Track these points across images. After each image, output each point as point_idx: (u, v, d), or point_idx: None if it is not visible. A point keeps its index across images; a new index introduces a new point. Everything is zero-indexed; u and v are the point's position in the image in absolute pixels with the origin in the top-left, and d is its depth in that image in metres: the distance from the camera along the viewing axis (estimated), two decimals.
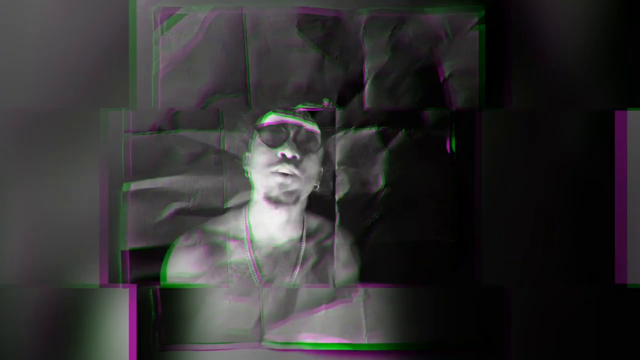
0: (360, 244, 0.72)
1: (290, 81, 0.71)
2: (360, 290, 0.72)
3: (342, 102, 0.71)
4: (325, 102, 0.71)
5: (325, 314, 0.72)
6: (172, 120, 0.71)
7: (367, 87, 0.71)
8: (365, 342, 0.72)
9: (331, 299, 0.73)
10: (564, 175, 0.72)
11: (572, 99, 0.65)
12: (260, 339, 0.72)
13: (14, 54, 0.56)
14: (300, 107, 0.71)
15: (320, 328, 0.72)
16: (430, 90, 0.71)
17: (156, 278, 0.72)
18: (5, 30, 0.56)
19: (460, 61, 0.71)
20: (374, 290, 0.72)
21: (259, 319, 0.72)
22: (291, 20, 0.71)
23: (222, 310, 0.72)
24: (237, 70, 0.71)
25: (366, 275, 0.73)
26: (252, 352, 0.73)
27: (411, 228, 0.72)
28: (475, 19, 0.71)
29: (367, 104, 0.71)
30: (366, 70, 0.71)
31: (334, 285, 0.73)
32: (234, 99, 0.71)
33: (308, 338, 0.72)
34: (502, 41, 0.72)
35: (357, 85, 0.71)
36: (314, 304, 0.73)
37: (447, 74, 0.71)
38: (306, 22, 0.71)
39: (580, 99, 0.65)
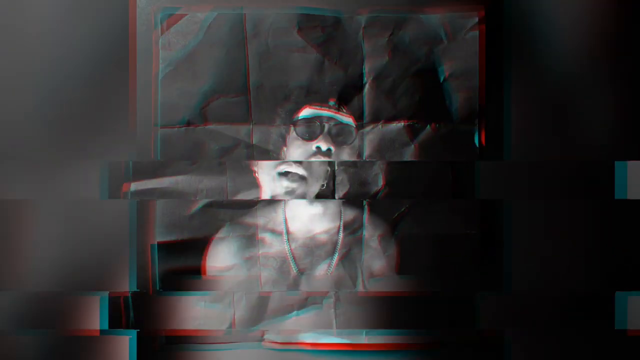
0: (389, 236, 0.73)
1: (291, 83, 0.72)
2: (331, 293, 0.73)
3: (342, 103, 0.72)
4: (331, 102, 0.72)
5: (295, 320, 0.74)
6: (202, 114, 0.73)
7: (366, 88, 0.72)
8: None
9: (302, 304, 0.74)
10: (593, 169, 0.71)
11: (572, 100, 0.65)
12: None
13: (16, 54, 0.57)
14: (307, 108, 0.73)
15: (291, 333, 0.74)
16: (429, 92, 0.72)
17: (192, 271, 0.74)
18: (8, 31, 0.57)
19: (459, 62, 0.72)
20: (372, 285, 0.73)
21: (230, 325, 0.74)
22: (291, 22, 0.72)
23: (194, 314, 0.74)
24: (238, 71, 0.72)
25: (396, 267, 0.74)
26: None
27: (438, 220, 0.73)
28: (475, 20, 0.72)
29: (366, 105, 0.72)
30: (366, 71, 0.72)
31: (363, 276, 0.74)
32: (235, 100, 0.72)
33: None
34: (502, 42, 0.72)
35: (357, 87, 0.72)
36: (285, 309, 0.74)
37: (446, 75, 0.72)
38: (306, 24, 0.72)
39: (580, 101, 0.65)
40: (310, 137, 0.73)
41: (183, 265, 0.73)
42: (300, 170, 0.72)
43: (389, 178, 0.73)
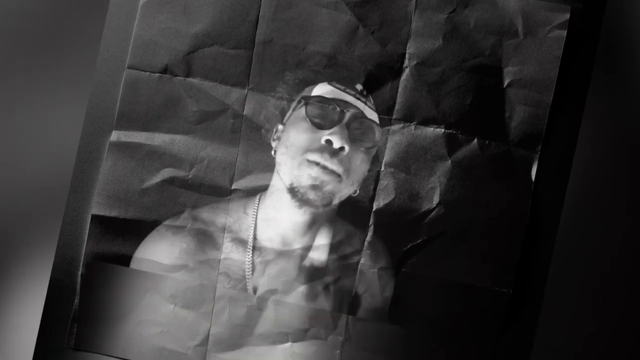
0: (392, 271, 0.57)
1: (309, 47, 0.58)
2: (341, 329, 0.58)
3: (369, 87, 0.58)
4: (359, 87, 0.58)
5: (290, 350, 0.58)
6: (186, 63, 0.58)
7: (404, 75, 0.58)
8: None
9: (302, 334, 0.58)
10: None
11: None
12: None
13: None
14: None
15: None
16: (484, 97, 0.58)
17: (128, 259, 0.58)
18: None
19: (532, 66, 0.57)
20: (357, 330, 0.58)
21: (206, 338, 0.58)
22: None
23: (161, 316, 0.58)
24: (244, 16, 0.58)
25: (392, 310, 0.57)
26: None
27: (460, 265, 0.57)
28: (562, 18, 0.57)
29: (400, 97, 0.58)
30: (408, 54, 0.57)
31: (348, 314, 0.57)
32: (233, 53, 0.58)
33: None
34: (587, 51, 0.58)
35: (392, 71, 0.58)
36: (279, 336, 0.58)
37: (509, 80, 0.57)
38: None
39: None
40: (322, 123, 0.57)
41: (117, 251, 0.57)
42: (334, 167, 0.56)
43: (448, 197, 0.57)
